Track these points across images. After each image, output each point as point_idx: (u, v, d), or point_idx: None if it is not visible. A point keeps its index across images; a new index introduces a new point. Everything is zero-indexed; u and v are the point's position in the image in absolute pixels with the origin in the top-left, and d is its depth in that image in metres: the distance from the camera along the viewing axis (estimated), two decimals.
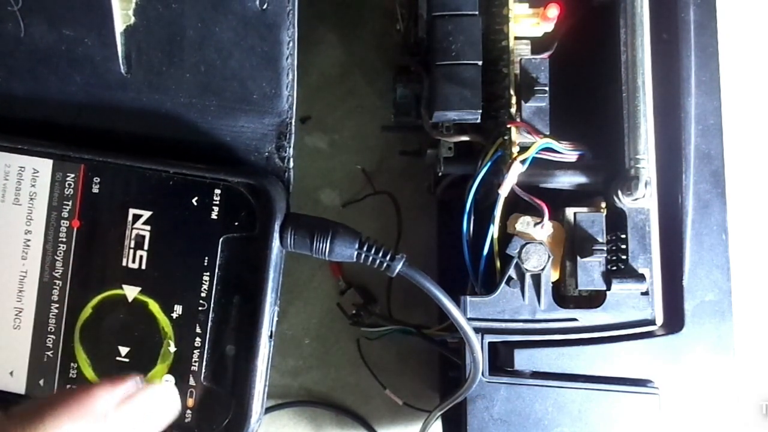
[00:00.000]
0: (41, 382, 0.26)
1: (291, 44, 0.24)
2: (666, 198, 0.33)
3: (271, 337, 0.26)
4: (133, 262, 0.26)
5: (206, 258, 0.26)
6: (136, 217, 0.26)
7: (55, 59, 0.25)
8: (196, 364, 0.26)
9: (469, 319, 0.32)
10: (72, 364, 0.26)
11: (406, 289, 0.47)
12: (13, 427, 0.21)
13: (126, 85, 0.25)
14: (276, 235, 0.25)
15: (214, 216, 0.26)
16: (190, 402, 0.26)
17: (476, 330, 0.32)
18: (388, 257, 0.26)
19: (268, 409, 0.47)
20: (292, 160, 0.26)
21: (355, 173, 0.48)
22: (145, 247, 0.26)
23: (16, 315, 0.26)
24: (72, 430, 0.21)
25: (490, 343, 0.32)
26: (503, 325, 0.32)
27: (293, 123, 0.25)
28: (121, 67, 0.25)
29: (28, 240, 0.26)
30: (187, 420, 0.26)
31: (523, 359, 0.32)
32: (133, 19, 0.24)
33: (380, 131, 0.45)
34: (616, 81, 0.32)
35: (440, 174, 0.37)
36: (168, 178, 0.26)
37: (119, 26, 0.24)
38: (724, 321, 0.32)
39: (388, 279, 0.46)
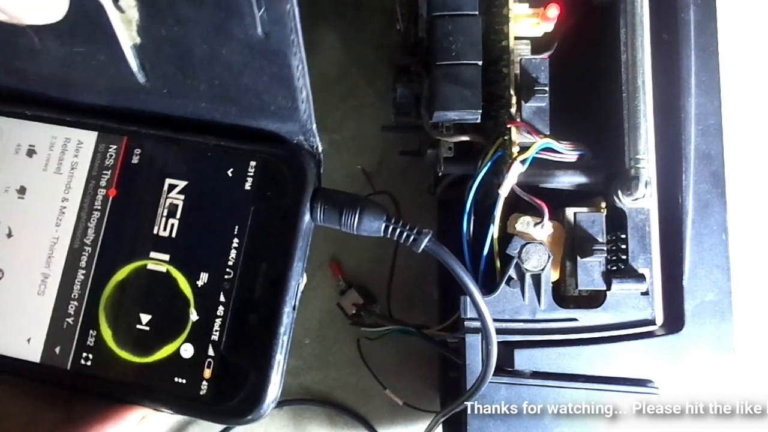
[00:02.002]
0: (57, 349, 0.26)
1: (300, 67, 0.24)
2: (666, 198, 0.33)
3: (294, 309, 0.25)
4: (164, 230, 0.26)
5: (236, 227, 0.26)
6: (172, 187, 0.26)
7: (74, 68, 0.26)
8: (217, 333, 0.25)
9: (469, 319, 0.32)
10: (91, 332, 0.26)
11: (406, 289, 0.47)
12: None
13: (147, 91, 0.26)
14: (306, 207, 0.26)
15: (247, 186, 0.26)
16: (207, 373, 0.25)
17: (476, 330, 0.32)
18: (415, 231, 0.26)
19: None
20: (320, 147, 0.27)
21: (355, 173, 0.48)
22: (178, 215, 0.26)
23: (42, 281, 0.26)
24: None
25: None
26: (503, 325, 0.32)
27: (315, 127, 0.26)
28: (138, 77, 0.25)
29: (64, 207, 0.27)
30: (202, 392, 0.25)
31: (523, 359, 0.32)
32: (138, 39, 0.24)
33: (380, 131, 0.45)
34: (616, 81, 0.32)
35: (440, 174, 0.37)
36: (206, 149, 0.26)
37: (126, 43, 0.24)
38: (724, 321, 0.32)
39: (388, 279, 0.46)
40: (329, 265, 0.48)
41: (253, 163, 0.26)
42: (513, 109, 0.33)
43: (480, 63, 0.32)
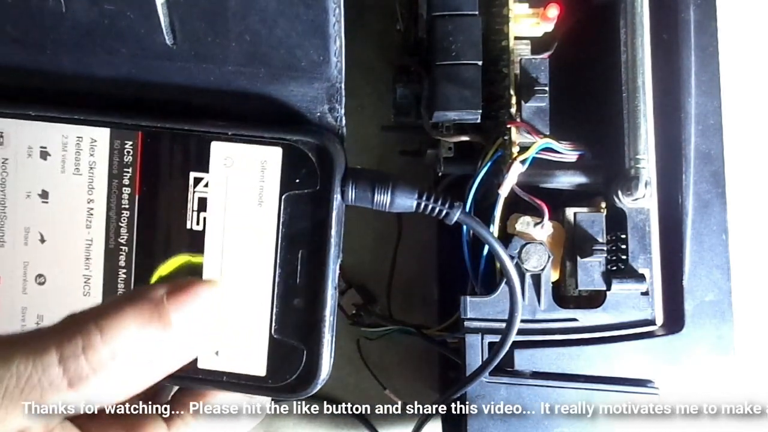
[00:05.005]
0: None
1: (337, 11, 0.24)
2: (666, 198, 0.33)
3: (335, 288, 0.26)
4: (197, 224, 0.26)
5: (268, 216, 0.26)
6: (197, 180, 0.26)
7: (99, 32, 0.25)
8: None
9: (469, 319, 0.32)
10: None
11: (406, 289, 0.47)
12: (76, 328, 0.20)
13: (172, 55, 0.25)
14: (338, 190, 0.26)
15: (274, 175, 0.26)
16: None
17: (476, 330, 0.32)
18: (447, 205, 0.27)
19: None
20: (344, 118, 0.27)
21: None
22: (208, 209, 0.26)
23: (85, 282, 0.27)
24: (133, 337, 0.20)
25: (490, 343, 0.32)
26: (503, 325, 0.32)
27: (343, 86, 0.26)
28: (166, 38, 0.25)
29: (91, 209, 0.27)
30: (262, 373, 0.26)
31: (523, 359, 0.32)
32: None
33: (380, 131, 0.45)
34: (616, 81, 0.32)
35: (440, 174, 0.37)
36: (227, 140, 0.26)
37: None
38: (724, 321, 0.32)
39: (388, 279, 0.45)
40: None
41: (277, 151, 0.26)
42: (513, 109, 0.33)
43: (480, 63, 0.32)
